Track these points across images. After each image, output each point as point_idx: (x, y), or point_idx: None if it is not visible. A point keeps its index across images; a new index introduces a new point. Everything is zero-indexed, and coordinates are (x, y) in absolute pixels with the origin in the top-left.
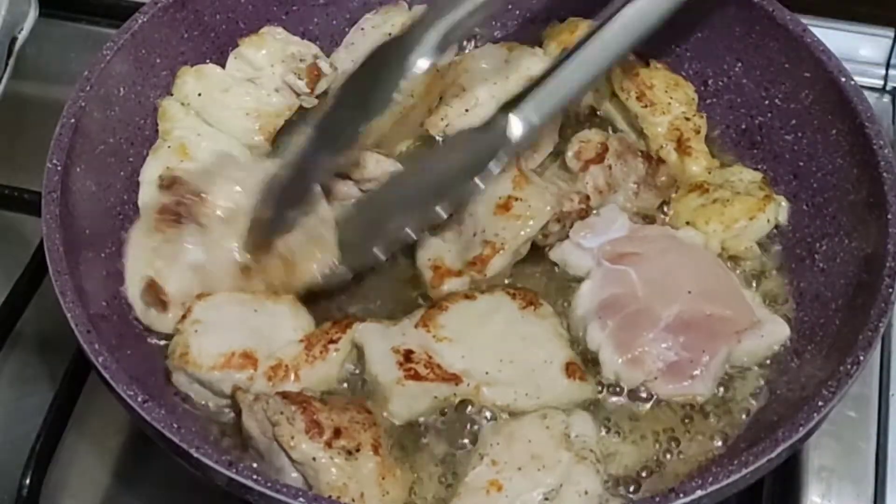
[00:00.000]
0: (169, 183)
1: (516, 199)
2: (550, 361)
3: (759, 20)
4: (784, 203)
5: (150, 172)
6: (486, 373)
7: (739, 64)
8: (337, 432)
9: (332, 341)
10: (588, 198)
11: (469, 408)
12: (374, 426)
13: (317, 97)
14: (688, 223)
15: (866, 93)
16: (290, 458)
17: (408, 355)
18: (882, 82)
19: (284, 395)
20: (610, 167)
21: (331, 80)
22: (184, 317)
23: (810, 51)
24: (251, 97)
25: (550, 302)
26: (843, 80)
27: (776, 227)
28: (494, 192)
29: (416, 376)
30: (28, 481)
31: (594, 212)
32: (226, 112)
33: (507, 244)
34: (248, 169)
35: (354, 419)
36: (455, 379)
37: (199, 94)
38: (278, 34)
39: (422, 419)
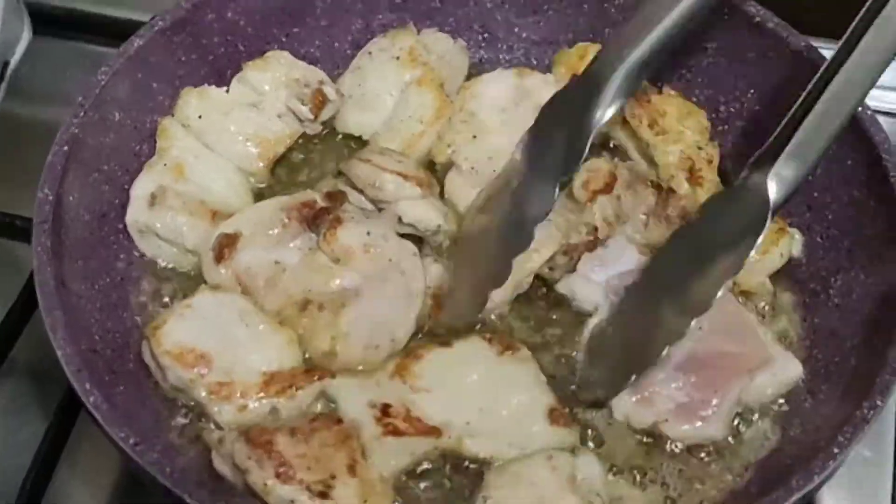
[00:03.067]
0: (336, 197)
1: None
2: (533, 408)
3: (773, 46)
4: (797, 236)
5: (143, 188)
6: (468, 423)
7: (752, 90)
8: (308, 468)
9: (296, 387)
10: (596, 229)
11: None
12: (347, 440)
13: (322, 124)
14: None
15: (881, 117)
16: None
17: (385, 409)
18: None
19: (247, 438)
20: (619, 197)
21: (336, 107)
22: (185, 296)
23: None
24: (252, 122)
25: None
26: (860, 108)
27: (789, 260)
28: None
29: (396, 432)
30: None
31: (602, 244)
32: (225, 136)
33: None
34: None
35: (325, 442)
36: (435, 432)
37: (200, 117)
38: (283, 59)
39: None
